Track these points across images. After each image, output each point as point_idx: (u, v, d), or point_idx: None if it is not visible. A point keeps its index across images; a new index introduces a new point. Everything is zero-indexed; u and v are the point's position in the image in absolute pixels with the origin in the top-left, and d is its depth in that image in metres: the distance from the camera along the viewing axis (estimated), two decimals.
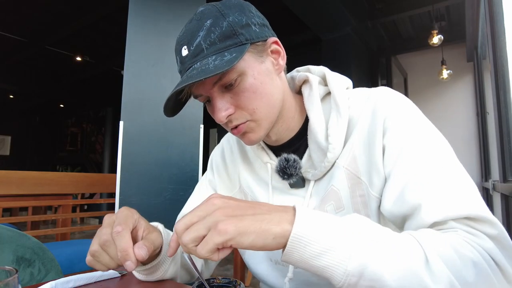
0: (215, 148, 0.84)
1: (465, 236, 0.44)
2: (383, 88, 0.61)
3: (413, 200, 0.48)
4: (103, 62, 6.30)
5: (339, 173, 0.58)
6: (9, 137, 8.98)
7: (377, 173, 0.55)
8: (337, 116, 0.59)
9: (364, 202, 0.56)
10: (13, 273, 0.33)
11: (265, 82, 0.57)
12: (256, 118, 0.58)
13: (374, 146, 0.55)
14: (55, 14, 4.64)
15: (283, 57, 0.61)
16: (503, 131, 1.87)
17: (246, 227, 0.40)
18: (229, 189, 0.76)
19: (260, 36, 0.56)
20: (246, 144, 0.62)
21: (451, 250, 0.41)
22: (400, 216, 0.51)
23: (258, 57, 0.57)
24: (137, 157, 1.77)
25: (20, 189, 2.26)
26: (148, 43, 1.84)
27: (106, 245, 0.50)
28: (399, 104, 0.57)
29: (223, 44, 0.53)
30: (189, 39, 0.54)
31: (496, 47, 1.88)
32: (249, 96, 0.56)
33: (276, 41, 0.60)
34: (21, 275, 0.74)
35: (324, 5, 3.42)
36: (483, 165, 4.09)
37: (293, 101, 0.65)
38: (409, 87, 5.22)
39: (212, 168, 0.80)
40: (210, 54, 0.53)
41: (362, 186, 0.57)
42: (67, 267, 1.76)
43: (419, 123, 0.55)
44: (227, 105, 0.56)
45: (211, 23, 0.53)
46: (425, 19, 4.43)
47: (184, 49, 0.55)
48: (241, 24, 0.54)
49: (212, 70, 0.49)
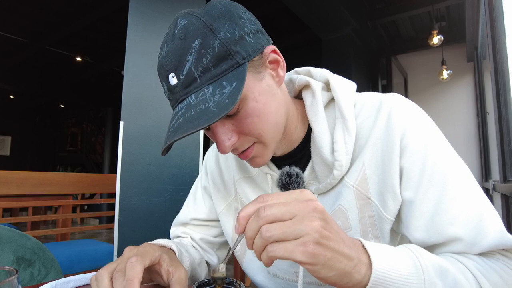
0: (208, 150, 0.80)
1: (503, 261, 0.48)
2: (394, 96, 0.57)
3: (451, 233, 0.48)
4: (103, 62, 6.31)
5: (348, 193, 0.55)
6: (9, 138, 8.99)
7: (392, 196, 0.52)
8: (343, 129, 0.55)
9: (373, 223, 0.54)
10: (13, 273, 0.33)
11: (268, 101, 0.51)
12: (263, 140, 0.53)
13: (390, 167, 0.52)
14: (55, 14, 4.65)
15: (282, 66, 0.55)
16: (503, 131, 1.87)
17: (332, 263, 0.37)
18: (224, 197, 0.72)
19: (256, 48, 0.50)
20: (253, 167, 0.58)
21: (498, 277, 0.45)
22: (433, 243, 0.50)
23: (256, 74, 0.50)
24: (137, 157, 1.77)
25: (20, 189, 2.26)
26: (148, 43, 1.84)
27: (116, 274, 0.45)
28: (416, 118, 0.53)
29: (218, 69, 0.47)
30: (176, 65, 0.47)
31: (496, 47, 1.88)
32: (253, 121, 0.50)
33: (274, 49, 0.53)
34: (21, 276, 0.74)
35: (324, 6, 3.42)
36: (483, 165, 4.09)
37: (295, 111, 0.60)
38: (409, 88, 5.22)
39: (206, 173, 0.76)
40: (205, 83, 0.47)
41: (371, 207, 0.54)
42: (67, 268, 1.76)
43: (437, 141, 0.53)
44: (230, 133, 0.51)
45: (200, 44, 0.46)
46: (425, 19, 4.43)
47: (172, 76, 0.48)
48: (235, 40, 0.47)
49: (215, 112, 0.43)
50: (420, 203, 0.50)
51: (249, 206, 0.40)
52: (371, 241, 0.53)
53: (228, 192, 0.71)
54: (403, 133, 0.52)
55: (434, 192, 0.49)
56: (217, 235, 0.75)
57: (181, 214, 0.78)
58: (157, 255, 0.51)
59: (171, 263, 0.52)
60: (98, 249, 1.97)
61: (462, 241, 0.47)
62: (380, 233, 0.54)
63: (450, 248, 0.49)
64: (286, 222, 0.37)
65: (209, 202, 0.75)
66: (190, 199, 0.79)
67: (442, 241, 0.49)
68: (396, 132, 0.52)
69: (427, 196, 0.50)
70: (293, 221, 0.37)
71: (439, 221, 0.48)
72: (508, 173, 1.87)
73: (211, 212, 0.74)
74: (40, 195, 2.43)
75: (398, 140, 0.52)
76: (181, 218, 0.77)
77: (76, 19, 4.71)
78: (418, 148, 0.51)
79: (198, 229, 0.76)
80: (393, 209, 0.52)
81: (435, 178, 0.50)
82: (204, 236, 0.75)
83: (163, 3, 1.87)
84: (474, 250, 0.47)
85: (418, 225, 0.50)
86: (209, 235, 0.75)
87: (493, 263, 0.47)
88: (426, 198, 0.50)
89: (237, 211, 0.69)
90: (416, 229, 0.50)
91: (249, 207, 0.39)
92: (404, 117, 0.53)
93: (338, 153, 0.54)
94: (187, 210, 0.77)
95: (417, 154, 0.51)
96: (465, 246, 0.48)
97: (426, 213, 0.49)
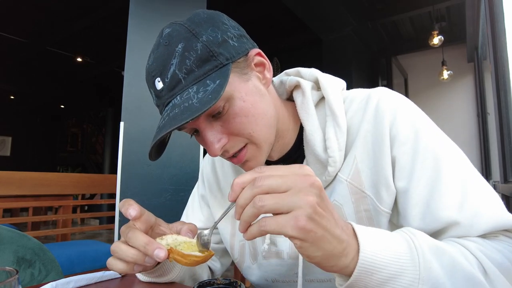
0: (204, 157, 0.79)
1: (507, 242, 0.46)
2: (381, 89, 0.57)
3: (447, 218, 0.47)
4: (104, 63, 6.31)
5: (342, 188, 0.55)
6: (10, 138, 8.99)
7: (386, 187, 0.51)
8: (334, 126, 0.55)
9: (369, 217, 0.54)
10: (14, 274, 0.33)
11: (255, 102, 0.51)
12: (255, 141, 0.52)
13: (381, 158, 0.52)
14: (56, 15, 4.65)
15: (269, 69, 0.55)
16: (503, 131, 1.86)
17: (322, 243, 0.36)
18: (221, 204, 0.71)
19: (240, 51, 0.50)
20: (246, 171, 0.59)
21: (503, 258, 0.43)
22: (432, 231, 0.49)
23: (242, 75, 0.51)
24: (137, 157, 1.77)
25: (20, 190, 2.26)
26: (149, 43, 1.84)
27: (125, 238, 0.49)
28: (403, 107, 0.53)
29: (201, 70, 0.47)
30: (161, 69, 0.48)
31: (497, 48, 1.88)
32: (242, 121, 0.50)
33: (259, 52, 0.54)
34: (22, 276, 0.74)
35: (324, 6, 3.42)
36: (483, 166, 4.09)
37: (285, 113, 0.60)
38: (410, 88, 5.22)
39: (203, 181, 0.76)
40: (189, 84, 0.47)
41: (367, 200, 0.53)
42: (68, 268, 1.76)
43: (427, 126, 0.52)
44: (219, 135, 0.51)
45: (183, 48, 0.47)
46: (425, 20, 4.43)
47: (158, 81, 0.49)
48: (217, 42, 0.48)
49: (198, 107, 0.44)
50: (414, 191, 0.49)
51: (246, 175, 0.38)
52: None
53: (225, 199, 0.70)
54: (391, 122, 0.52)
55: (427, 179, 0.49)
56: (217, 242, 0.75)
57: None
58: (153, 219, 0.54)
59: (168, 224, 0.56)
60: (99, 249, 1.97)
61: (460, 224, 0.46)
62: (376, 226, 0.53)
63: (449, 234, 0.47)
64: (281, 194, 0.36)
65: (206, 210, 0.75)
66: (189, 208, 0.79)
67: (440, 227, 0.48)
68: (385, 122, 0.52)
69: (421, 183, 0.49)
70: (288, 194, 0.35)
71: (435, 207, 0.47)
72: (508, 173, 1.87)
73: (208, 220, 0.74)
74: (40, 195, 2.43)
75: (387, 131, 0.52)
76: None
77: (76, 19, 4.72)
78: (408, 136, 0.51)
79: None
80: (388, 201, 0.52)
81: (427, 163, 0.49)
82: None
83: (163, 4, 1.87)
84: (473, 232, 0.46)
85: (414, 214, 0.49)
86: None
87: (497, 244, 0.45)
88: (420, 185, 0.49)
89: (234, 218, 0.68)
90: (413, 219, 0.49)
91: (245, 176, 0.38)
92: (391, 107, 0.53)
93: (331, 149, 0.54)
94: (186, 220, 0.77)
95: (408, 142, 0.51)
96: (463, 229, 0.46)
97: (421, 201, 0.49)
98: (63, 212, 2.57)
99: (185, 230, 0.54)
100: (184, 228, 0.54)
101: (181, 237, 0.52)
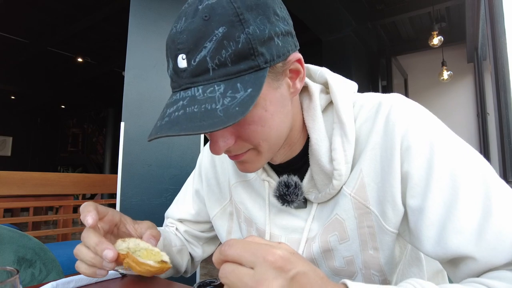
0: (203, 150, 0.76)
1: None
2: (393, 96, 0.52)
3: (459, 249, 0.41)
4: (104, 63, 6.32)
5: (345, 202, 0.51)
6: (11, 138, 9.00)
7: (392, 206, 0.47)
8: (341, 135, 0.51)
9: (372, 234, 0.50)
10: (14, 273, 0.34)
11: (276, 112, 0.46)
12: (260, 149, 0.48)
13: (390, 175, 0.47)
14: (57, 15, 4.66)
15: (301, 78, 0.49)
16: (503, 131, 1.87)
17: None
18: (218, 200, 0.69)
19: (281, 53, 0.44)
20: (241, 171, 0.53)
21: None
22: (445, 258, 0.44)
23: (274, 82, 0.45)
24: (138, 157, 1.78)
25: (21, 190, 2.26)
26: (149, 44, 1.85)
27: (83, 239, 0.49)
28: (417, 117, 0.48)
29: (235, 67, 0.41)
30: (191, 47, 0.41)
31: (497, 48, 1.88)
32: (256, 130, 0.45)
33: (299, 59, 0.48)
34: (22, 276, 0.74)
35: (324, 7, 3.42)
36: None
37: (301, 121, 0.55)
38: (410, 88, 5.22)
39: (200, 175, 0.73)
40: (217, 79, 0.41)
41: (371, 216, 0.50)
42: (68, 268, 1.76)
43: (444, 138, 0.47)
44: (227, 135, 0.46)
45: (224, 34, 0.40)
46: (425, 20, 4.43)
47: (183, 58, 0.42)
48: (263, 39, 0.42)
49: (222, 119, 0.38)
50: (429, 211, 0.44)
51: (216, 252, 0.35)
52: (369, 252, 0.51)
53: (223, 195, 0.69)
54: (403, 135, 0.47)
55: (444, 197, 0.43)
56: (203, 230, 0.75)
57: (169, 210, 0.79)
58: (117, 218, 0.54)
59: (134, 223, 0.55)
60: None
61: (476, 260, 0.41)
62: (379, 244, 0.50)
63: (468, 265, 0.42)
64: (242, 270, 0.32)
65: (198, 205, 0.74)
66: (180, 197, 0.78)
67: (453, 255, 0.42)
68: (396, 135, 0.47)
69: (437, 202, 0.44)
70: (249, 272, 0.32)
71: (449, 233, 0.42)
72: (508, 173, 1.87)
73: (198, 215, 0.74)
74: (41, 195, 2.43)
75: (398, 145, 0.47)
76: (170, 214, 0.78)
77: (77, 20, 4.73)
78: (422, 149, 0.46)
79: (184, 223, 0.77)
80: (393, 220, 0.48)
81: (444, 181, 0.44)
82: (189, 229, 0.75)
83: (164, 4, 1.88)
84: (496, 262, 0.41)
85: (429, 236, 0.44)
86: (195, 229, 0.75)
87: None
88: (435, 204, 0.44)
89: (231, 215, 0.68)
90: (427, 240, 0.44)
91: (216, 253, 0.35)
92: (403, 117, 0.48)
93: (337, 161, 0.50)
94: (176, 208, 0.77)
95: (422, 156, 0.45)
96: (482, 262, 0.41)
97: (438, 222, 0.43)
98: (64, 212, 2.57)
99: (147, 236, 0.53)
100: (146, 234, 0.53)
101: (144, 243, 0.51)
